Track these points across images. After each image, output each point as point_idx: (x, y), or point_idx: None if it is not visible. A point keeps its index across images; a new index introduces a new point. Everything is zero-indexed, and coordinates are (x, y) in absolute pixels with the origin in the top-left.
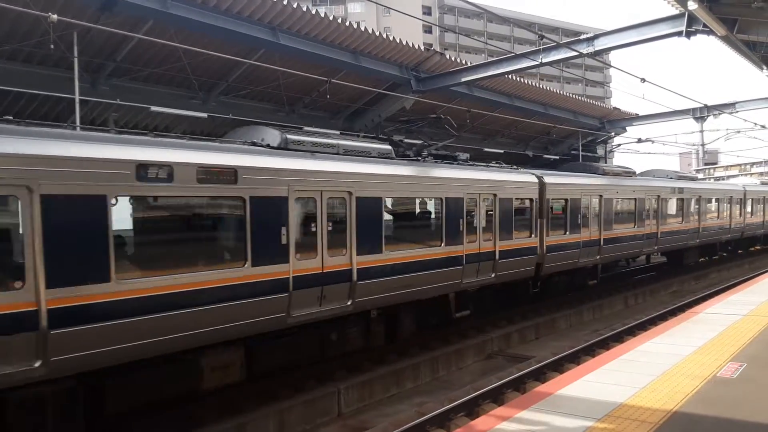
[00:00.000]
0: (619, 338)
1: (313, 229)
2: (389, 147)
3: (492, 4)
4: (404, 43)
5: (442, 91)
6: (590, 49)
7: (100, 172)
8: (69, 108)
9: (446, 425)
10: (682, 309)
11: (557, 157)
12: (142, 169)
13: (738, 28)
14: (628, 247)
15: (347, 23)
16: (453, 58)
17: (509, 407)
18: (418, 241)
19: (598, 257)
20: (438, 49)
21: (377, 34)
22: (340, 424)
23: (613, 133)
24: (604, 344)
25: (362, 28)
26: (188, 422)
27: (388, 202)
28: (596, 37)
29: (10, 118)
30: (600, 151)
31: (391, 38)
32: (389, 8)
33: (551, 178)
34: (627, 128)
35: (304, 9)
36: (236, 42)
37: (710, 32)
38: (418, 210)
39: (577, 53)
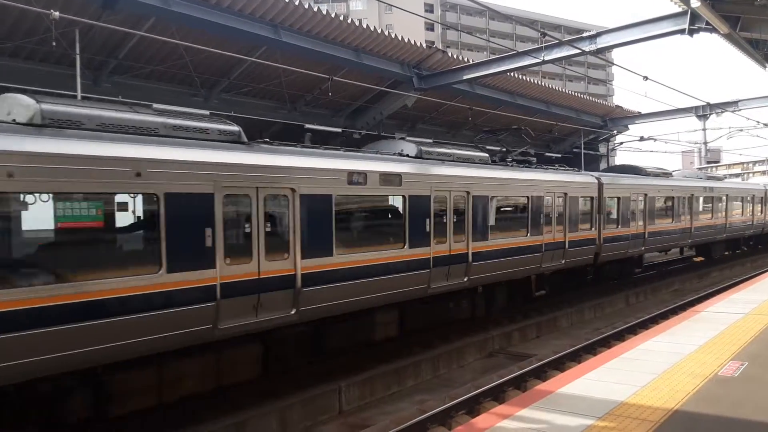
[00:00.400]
0: (620, 337)
1: (444, 221)
2: (487, 155)
3: (494, 1)
4: (406, 40)
5: (444, 88)
6: (593, 47)
7: (328, 178)
8: None
9: (447, 423)
10: (683, 307)
11: (559, 155)
12: (350, 175)
13: (741, 26)
14: (668, 240)
15: (349, 20)
16: (455, 56)
17: (510, 405)
18: (512, 232)
19: (642, 248)
20: (440, 47)
21: (379, 31)
22: (341, 421)
23: (615, 131)
24: (606, 342)
25: (364, 26)
26: (189, 420)
27: (494, 200)
28: (599, 34)
29: (268, 140)
30: (602, 149)
31: (392, 36)
32: (391, 6)
33: (607, 179)
34: (629, 126)
35: (306, 6)
36: (238, 39)
37: (713, 30)
38: (511, 206)
39: (579, 51)
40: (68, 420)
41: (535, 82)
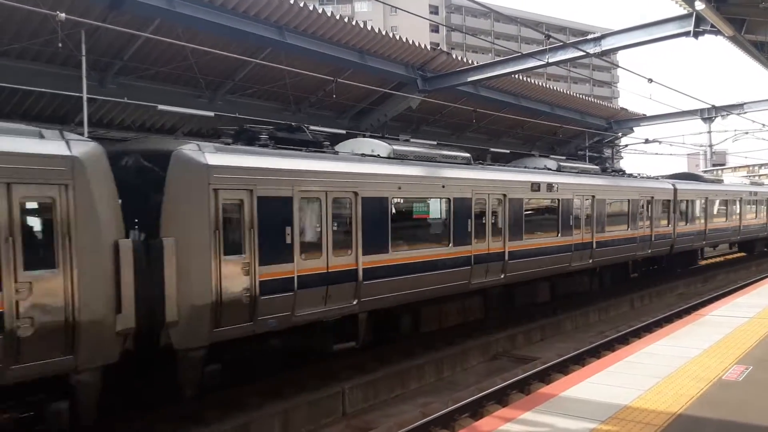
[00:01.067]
0: (624, 340)
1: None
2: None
3: (499, 3)
4: (410, 42)
5: (448, 90)
6: (597, 49)
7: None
8: (77, 106)
9: (450, 426)
10: (688, 311)
11: (564, 157)
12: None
13: (746, 29)
14: (721, 236)
15: (354, 22)
16: (460, 58)
17: (513, 408)
18: (619, 225)
19: (704, 242)
20: (445, 49)
21: (383, 33)
22: (344, 424)
23: (620, 134)
24: (610, 346)
25: (369, 28)
26: (193, 421)
27: (603, 202)
28: (603, 37)
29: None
30: (607, 152)
31: (397, 38)
32: (396, 8)
33: (680, 185)
34: (634, 129)
35: (311, 8)
36: (243, 41)
37: (718, 32)
38: (622, 206)
39: (583, 53)
40: None
41: (540, 84)
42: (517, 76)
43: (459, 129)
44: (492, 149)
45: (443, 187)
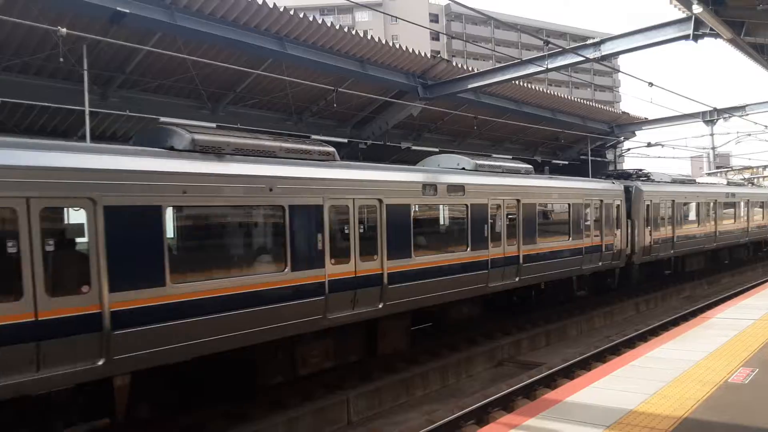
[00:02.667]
0: (630, 344)
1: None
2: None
3: (500, 10)
4: (411, 50)
5: (449, 98)
6: (597, 54)
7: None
8: (79, 120)
9: None
10: (693, 314)
11: (566, 163)
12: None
13: (745, 31)
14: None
15: (354, 32)
16: (460, 65)
17: (518, 414)
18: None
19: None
20: (446, 57)
21: (384, 42)
22: None
23: (622, 138)
24: (615, 350)
25: (369, 37)
26: (199, 431)
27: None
28: (603, 41)
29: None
30: (609, 156)
31: (397, 46)
32: (396, 17)
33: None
34: (636, 132)
35: (311, 19)
36: (244, 52)
37: (717, 36)
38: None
39: (583, 58)
40: None
41: (541, 90)
42: (517, 82)
43: (460, 136)
44: (494, 155)
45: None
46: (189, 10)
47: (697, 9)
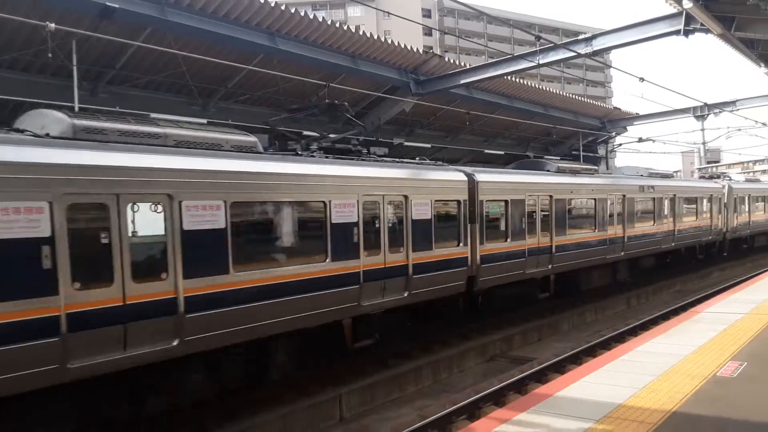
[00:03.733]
0: (620, 338)
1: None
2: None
3: (492, 5)
4: (403, 46)
5: (441, 93)
6: (588, 50)
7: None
8: None
9: (447, 428)
10: (683, 308)
11: (559, 158)
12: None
13: (736, 26)
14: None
15: (346, 27)
16: (453, 61)
17: (509, 409)
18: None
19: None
20: (438, 52)
21: (376, 37)
22: (342, 428)
23: (614, 133)
24: (606, 344)
25: (361, 32)
26: (192, 429)
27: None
28: (594, 37)
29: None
30: (601, 151)
31: (389, 41)
32: (388, 12)
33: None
34: (628, 128)
35: (303, 14)
36: (235, 48)
37: (708, 31)
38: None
39: (575, 54)
40: None
41: (533, 85)
42: (510, 77)
43: (453, 131)
44: (486, 151)
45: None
46: (179, 6)
47: (687, 4)
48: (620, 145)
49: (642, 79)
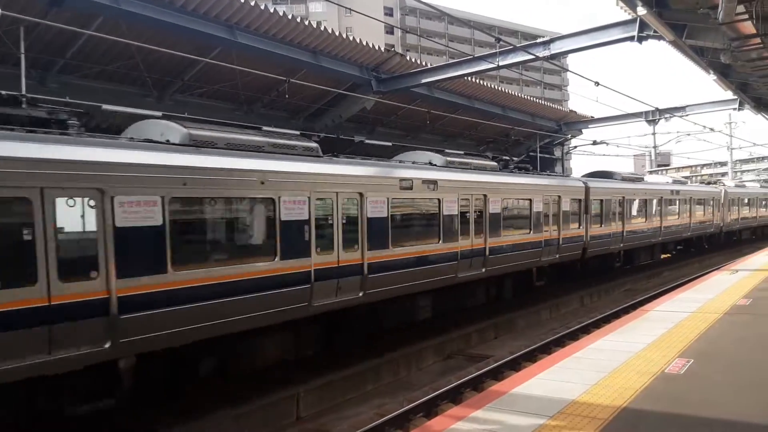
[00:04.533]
0: (574, 336)
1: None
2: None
3: (454, 6)
4: (365, 43)
5: (402, 92)
6: (546, 53)
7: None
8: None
9: (405, 426)
10: (634, 307)
11: (517, 159)
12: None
13: (687, 34)
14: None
15: (307, 22)
16: (414, 60)
17: (465, 407)
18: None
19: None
20: (400, 51)
21: (337, 34)
22: (298, 428)
23: (569, 135)
24: (560, 342)
25: (322, 28)
26: (141, 427)
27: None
28: (552, 41)
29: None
30: (557, 153)
31: (351, 38)
32: (350, 9)
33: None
34: (583, 130)
35: (263, 7)
36: (192, 39)
37: (660, 38)
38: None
39: (533, 56)
40: None
41: (493, 86)
42: (470, 78)
43: (414, 130)
44: (447, 150)
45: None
46: None
47: (641, 11)
48: (575, 147)
49: (597, 84)
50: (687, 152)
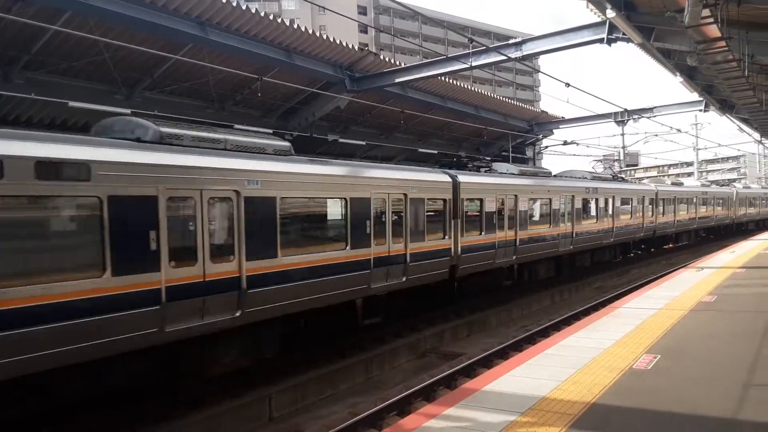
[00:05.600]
0: (545, 333)
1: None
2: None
3: (428, 6)
4: (338, 42)
5: (376, 91)
6: (518, 54)
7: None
8: None
9: (378, 425)
10: (603, 304)
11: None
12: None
13: (655, 37)
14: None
15: (280, 20)
16: (388, 59)
17: (437, 405)
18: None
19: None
20: (374, 50)
21: (311, 32)
22: (271, 429)
23: (541, 135)
24: (531, 339)
25: (295, 26)
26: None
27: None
28: (524, 42)
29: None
30: (529, 153)
31: (324, 37)
32: (324, 7)
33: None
34: (554, 131)
35: (235, 4)
36: (162, 36)
37: (629, 40)
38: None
39: (505, 57)
40: None
41: (466, 86)
42: (443, 78)
43: (388, 129)
44: (420, 150)
45: None
46: None
47: (610, 14)
48: (546, 147)
49: (568, 85)
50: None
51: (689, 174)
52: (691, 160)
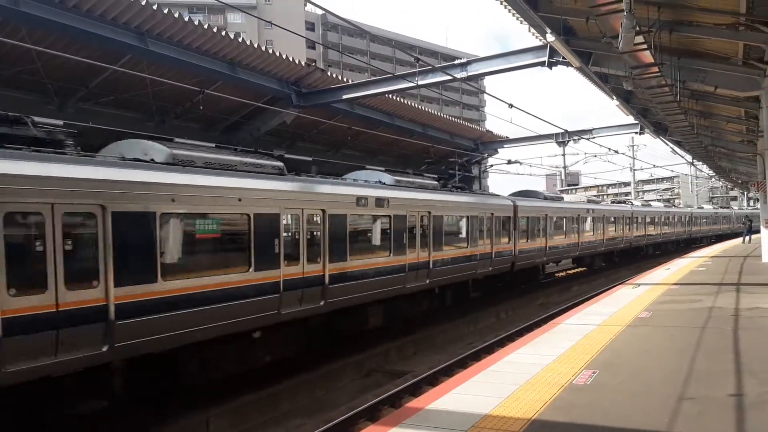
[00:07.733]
0: (489, 350)
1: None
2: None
3: (376, 24)
4: (284, 57)
5: (323, 107)
6: (463, 74)
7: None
8: None
9: None
10: (545, 320)
11: (436, 176)
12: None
13: (592, 61)
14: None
15: (224, 33)
16: (336, 76)
17: (382, 424)
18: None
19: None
20: (321, 66)
21: (256, 46)
22: None
23: (486, 154)
24: (476, 356)
25: (240, 39)
26: None
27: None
28: (469, 62)
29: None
30: (475, 171)
31: (270, 51)
32: (270, 22)
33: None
34: (499, 150)
35: (177, 15)
36: (99, 46)
37: (568, 64)
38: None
39: (451, 77)
40: None
41: (413, 104)
42: (391, 96)
43: (335, 146)
44: (368, 167)
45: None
46: None
47: (550, 38)
48: (491, 166)
49: (511, 106)
50: (594, 172)
51: (627, 194)
52: (628, 180)
